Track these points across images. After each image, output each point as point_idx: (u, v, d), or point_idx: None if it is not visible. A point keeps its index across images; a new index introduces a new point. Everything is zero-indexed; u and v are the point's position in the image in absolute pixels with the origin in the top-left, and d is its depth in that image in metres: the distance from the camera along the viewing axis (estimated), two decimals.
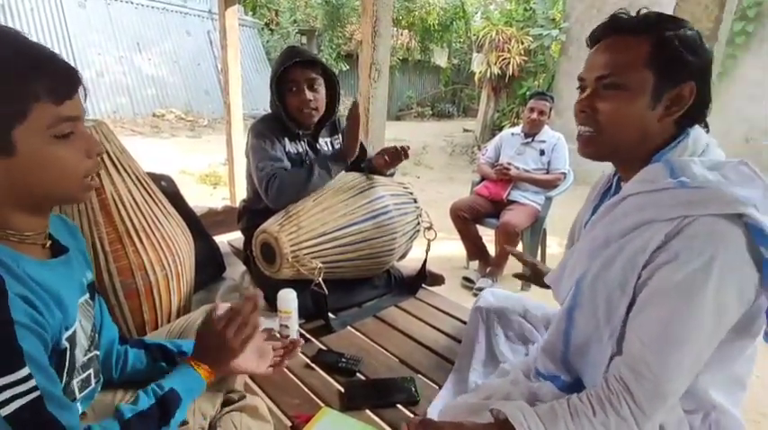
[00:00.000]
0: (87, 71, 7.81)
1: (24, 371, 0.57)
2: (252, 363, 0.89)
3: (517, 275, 1.33)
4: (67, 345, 0.67)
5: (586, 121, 0.80)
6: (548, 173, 2.87)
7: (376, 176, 1.70)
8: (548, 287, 1.23)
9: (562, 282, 0.91)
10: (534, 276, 1.25)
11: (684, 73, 0.72)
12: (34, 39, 0.62)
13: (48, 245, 0.72)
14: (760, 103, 4.86)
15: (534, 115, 2.85)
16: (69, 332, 0.68)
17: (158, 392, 0.74)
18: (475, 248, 2.97)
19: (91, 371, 0.77)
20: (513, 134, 3.01)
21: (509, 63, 7.15)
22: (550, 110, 2.88)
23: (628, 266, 0.73)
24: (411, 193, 1.78)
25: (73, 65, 0.65)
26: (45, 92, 0.60)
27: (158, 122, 8.12)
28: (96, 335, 0.80)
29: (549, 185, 2.84)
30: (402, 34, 11.74)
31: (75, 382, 0.72)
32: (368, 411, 1.13)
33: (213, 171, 5.34)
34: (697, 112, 0.76)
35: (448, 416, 0.94)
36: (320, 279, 1.41)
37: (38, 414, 0.57)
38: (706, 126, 0.80)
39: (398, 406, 1.15)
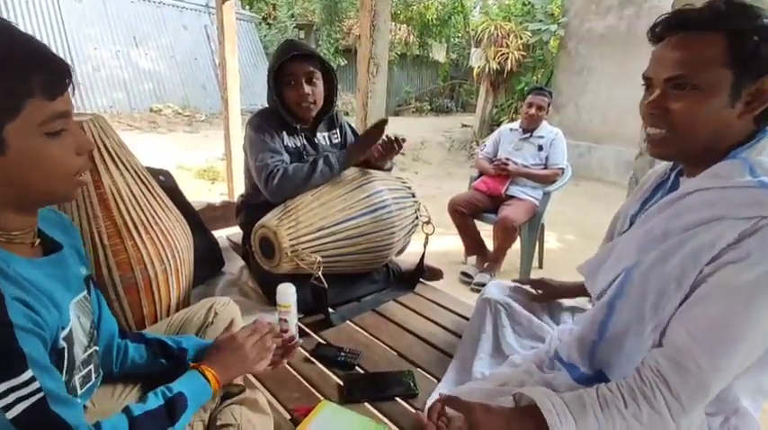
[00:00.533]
0: (83, 66, 7.76)
1: (27, 374, 0.57)
2: (255, 366, 0.92)
3: (535, 297, 1.29)
4: (65, 345, 0.67)
5: (657, 123, 0.77)
6: (546, 168, 2.88)
7: (374, 171, 1.70)
8: (568, 296, 1.24)
9: (600, 273, 0.89)
10: (545, 293, 1.25)
11: (764, 66, 0.69)
12: (29, 33, 0.61)
13: (37, 243, 0.71)
14: None
15: (532, 110, 2.85)
16: (66, 331, 0.67)
17: (167, 394, 0.75)
18: (473, 243, 2.98)
19: (91, 366, 0.77)
20: (511, 129, 3.01)
21: (507, 58, 7.14)
22: (549, 105, 2.88)
23: (689, 261, 0.71)
24: (409, 188, 1.78)
25: (69, 59, 0.64)
26: (39, 88, 0.58)
27: (155, 117, 8.08)
28: (95, 331, 0.80)
29: (547, 180, 2.84)
30: (400, 29, 11.69)
31: (77, 379, 0.72)
32: (367, 404, 1.13)
33: (211, 166, 5.33)
34: None
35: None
36: (319, 273, 1.41)
37: (43, 414, 0.58)
38: None
39: (397, 399, 1.16)
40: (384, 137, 1.63)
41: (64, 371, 0.67)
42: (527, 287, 1.30)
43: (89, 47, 8.04)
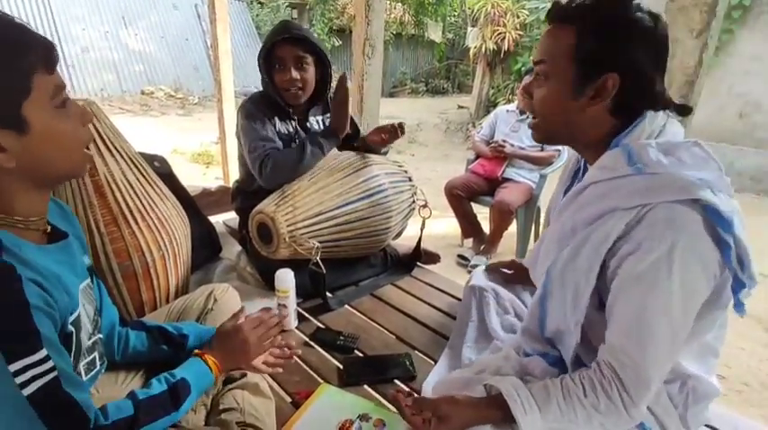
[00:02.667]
0: (72, 47, 7.60)
1: (42, 353, 0.58)
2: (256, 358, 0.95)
3: (508, 279, 1.32)
4: (73, 329, 0.69)
5: (527, 107, 0.84)
6: (542, 150, 2.87)
7: (371, 155, 1.69)
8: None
9: (537, 265, 0.93)
10: (519, 274, 1.28)
11: (606, 65, 0.72)
12: (14, 13, 0.62)
13: (47, 230, 0.72)
14: (755, 78, 4.84)
15: (522, 92, 2.84)
16: (74, 316, 0.69)
17: (170, 380, 0.77)
18: (469, 226, 2.99)
19: (96, 354, 0.79)
20: (507, 111, 3.00)
21: (504, 38, 7.03)
22: None
23: (592, 255, 0.74)
24: (406, 172, 1.78)
25: (56, 40, 0.65)
26: (39, 62, 0.60)
27: (147, 100, 7.96)
28: (99, 319, 0.81)
29: (543, 162, 2.84)
30: (395, 8, 11.45)
31: (82, 365, 0.74)
32: (366, 387, 1.16)
33: (205, 150, 5.28)
34: (636, 101, 0.75)
35: (442, 390, 0.97)
36: (317, 258, 1.42)
37: (56, 393, 0.59)
38: (678, 111, 0.79)
39: (396, 381, 1.18)
40: (388, 126, 1.63)
41: (71, 357, 0.69)
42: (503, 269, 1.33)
43: (77, 27, 7.86)
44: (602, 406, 0.73)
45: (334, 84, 1.60)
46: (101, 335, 0.82)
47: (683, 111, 0.79)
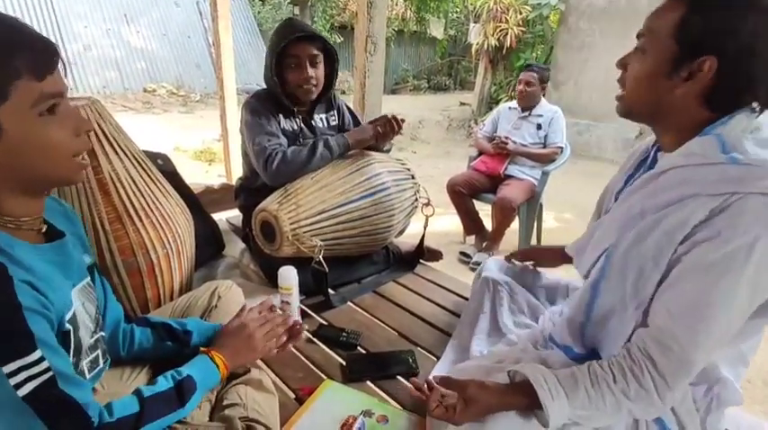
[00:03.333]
0: (74, 45, 7.59)
1: (37, 354, 0.58)
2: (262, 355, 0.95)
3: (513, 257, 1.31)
4: (70, 327, 0.68)
5: (620, 78, 0.80)
6: (544, 146, 2.87)
7: (373, 153, 1.69)
8: (555, 265, 1.25)
9: (586, 252, 0.89)
10: (537, 260, 1.27)
11: (707, 47, 0.67)
12: (16, 11, 0.61)
13: (43, 230, 0.71)
14: None
15: (521, 86, 2.85)
16: (69, 314, 0.69)
17: (176, 377, 0.77)
18: (472, 223, 2.99)
19: (98, 352, 0.79)
20: (510, 108, 2.99)
21: (507, 34, 7.02)
22: (540, 80, 2.84)
23: (664, 240, 0.71)
24: (408, 169, 1.78)
25: (58, 38, 0.64)
26: (25, 68, 0.58)
27: (150, 98, 7.96)
28: (101, 317, 0.81)
29: (545, 159, 2.83)
30: (397, 4, 11.42)
31: (85, 363, 0.74)
32: (369, 383, 1.16)
33: (208, 147, 5.29)
34: (732, 92, 0.70)
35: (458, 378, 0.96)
36: (320, 257, 1.42)
37: (53, 393, 0.59)
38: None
39: (398, 377, 1.19)
40: (383, 117, 1.62)
41: (71, 354, 0.69)
42: (521, 263, 1.31)
43: (79, 25, 7.85)
44: (633, 392, 0.71)
45: (342, 76, 1.60)
46: (103, 334, 0.82)
47: None
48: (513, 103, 3.00)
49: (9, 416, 0.58)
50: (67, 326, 0.68)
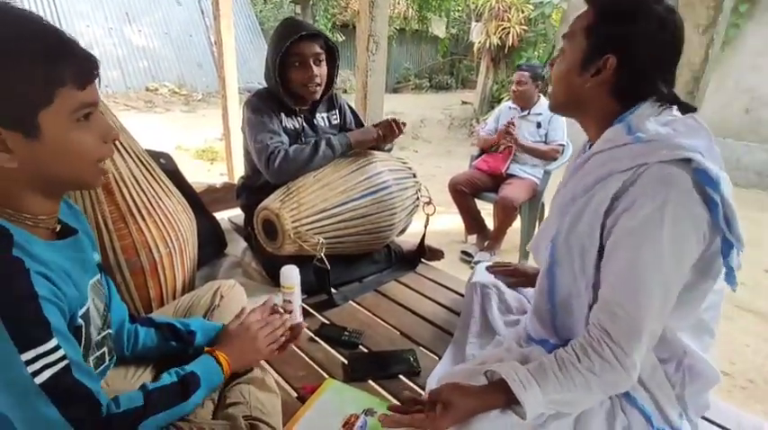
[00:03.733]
0: None
1: (53, 342, 0.60)
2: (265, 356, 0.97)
3: (509, 284, 1.33)
4: (82, 323, 0.70)
5: (519, 101, 0.93)
6: (545, 144, 2.87)
7: (375, 152, 1.69)
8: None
9: (540, 246, 0.96)
10: (520, 281, 1.29)
11: (610, 46, 0.79)
12: (19, 8, 0.62)
13: (57, 229, 0.73)
14: (762, 72, 4.79)
15: (513, 87, 2.87)
16: (83, 310, 0.70)
17: (180, 373, 0.79)
18: (474, 222, 2.99)
19: (105, 349, 0.80)
20: (510, 107, 2.99)
21: (509, 33, 7.00)
22: (533, 78, 2.83)
23: (593, 217, 0.79)
24: (410, 168, 1.78)
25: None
26: (70, 77, 0.61)
27: (152, 97, 7.98)
28: (108, 315, 0.82)
29: (547, 157, 2.84)
30: (399, 3, 11.40)
31: (91, 360, 0.75)
32: (371, 382, 1.17)
33: (209, 146, 5.30)
34: (635, 86, 0.81)
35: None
36: (322, 254, 1.43)
37: (67, 380, 0.61)
38: (684, 109, 0.83)
39: (400, 376, 1.19)
40: (385, 122, 1.63)
41: (80, 350, 0.70)
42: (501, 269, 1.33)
43: (81, 24, 7.88)
44: (597, 366, 0.74)
45: (344, 75, 1.62)
46: (110, 331, 0.83)
47: (687, 109, 0.83)
48: (513, 103, 3.00)
49: (23, 403, 0.59)
50: (80, 321, 0.70)
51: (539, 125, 2.85)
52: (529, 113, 2.88)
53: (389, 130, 1.63)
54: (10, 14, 0.59)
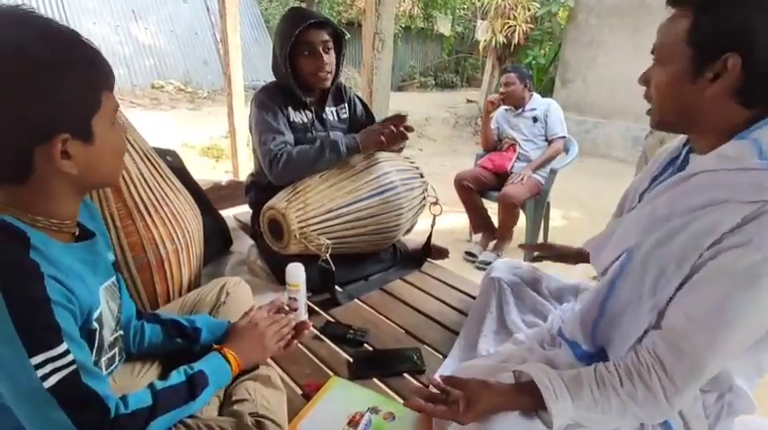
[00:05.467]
0: None
1: (63, 347, 0.60)
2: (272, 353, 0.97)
3: (536, 258, 1.30)
4: (97, 326, 0.71)
5: (646, 94, 0.80)
6: (546, 139, 2.87)
7: (382, 152, 1.68)
8: (568, 261, 1.24)
9: (605, 250, 0.88)
10: (555, 256, 1.26)
11: (725, 44, 0.66)
12: (27, 6, 0.63)
13: (77, 233, 0.74)
14: None
15: (502, 89, 2.93)
16: (97, 313, 0.71)
17: (189, 372, 0.79)
18: (480, 220, 2.99)
19: (116, 350, 0.81)
20: (505, 110, 3.03)
21: (515, 31, 6.98)
22: (521, 79, 2.88)
23: (690, 244, 0.70)
24: (417, 168, 1.78)
25: None
26: (105, 81, 0.66)
27: (157, 94, 7.99)
28: (121, 316, 0.83)
29: (555, 156, 2.85)
30: (405, 1, 11.36)
31: (103, 361, 0.76)
32: (375, 380, 1.17)
33: (215, 144, 5.31)
34: (762, 87, 0.68)
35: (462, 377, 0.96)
36: (327, 256, 1.43)
37: (76, 385, 0.62)
38: None
39: (405, 375, 1.19)
40: (387, 130, 1.56)
41: (93, 352, 0.70)
42: (532, 253, 1.32)
43: (88, 21, 7.90)
44: (640, 395, 0.70)
45: (342, 76, 1.60)
46: (122, 332, 0.84)
47: None
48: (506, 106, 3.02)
49: (30, 407, 0.60)
50: (95, 325, 0.70)
51: (535, 119, 2.88)
52: (523, 111, 2.91)
53: (392, 140, 1.54)
54: (40, 24, 0.61)
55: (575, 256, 1.22)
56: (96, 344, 0.71)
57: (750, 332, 0.68)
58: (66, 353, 0.61)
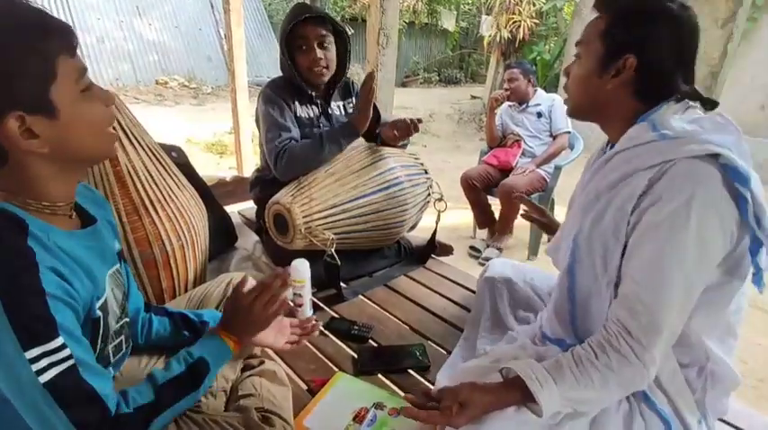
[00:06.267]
0: (87, 37, 7.66)
1: (59, 341, 0.59)
2: (270, 338, 0.94)
3: (526, 217, 1.35)
4: (101, 314, 0.70)
5: (564, 86, 0.93)
6: (551, 134, 2.86)
7: (387, 147, 1.69)
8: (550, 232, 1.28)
9: (561, 246, 0.95)
10: (545, 225, 1.31)
11: (628, 47, 0.79)
12: (31, 3, 0.62)
13: (74, 215, 0.73)
14: None
15: (505, 85, 2.91)
16: (101, 301, 0.70)
17: (189, 360, 0.76)
18: (486, 218, 2.99)
19: (123, 337, 0.80)
20: (509, 106, 3.02)
21: (519, 26, 6.92)
22: (524, 74, 2.87)
23: (618, 215, 0.79)
24: (422, 164, 1.78)
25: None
26: (61, 46, 0.61)
27: (162, 90, 8.01)
28: (126, 303, 0.83)
29: (560, 150, 2.84)
30: None
31: (110, 348, 0.75)
32: (380, 376, 1.18)
33: (219, 140, 5.32)
34: (656, 85, 0.81)
35: (457, 380, 0.95)
36: (332, 250, 1.43)
37: (73, 380, 0.60)
38: (704, 105, 0.83)
39: (409, 371, 1.20)
40: (401, 122, 1.59)
41: (99, 340, 0.70)
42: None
43: (92, 17, 7.91)
44: (614, 362, 0.74)
45: (353, 69, 1.58)
46: (128, 319, 0.83)
47: (710, 105, 0.83)
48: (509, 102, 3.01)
49: (27, 403, 0.58)
50: (98, 312, 0.69)
51: (539, 115, 2.87)
52: (527, 107, 2.90)
53: (406, 131, 1.60)
54: None
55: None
56: (101, 332, 0.70)
57: (689, 279, 0.73)
58: (63, 347, 0.59)
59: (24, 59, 0.58)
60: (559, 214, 3.25)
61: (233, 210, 2.13)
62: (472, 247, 2.92)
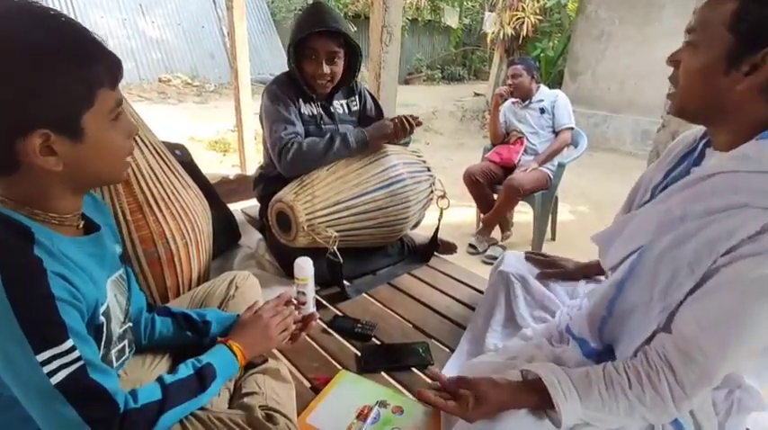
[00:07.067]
0: None
1: (69, 343, 0.61)
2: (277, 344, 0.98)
3: (543, 274, 1.25)
4: (104, 320, 0.71)
5: (671, 77, 0.76)
6: (554, 130, 2.85)
7: (389, 145, 1.68)
8: (575, 279, 1.22)
9: (615, 245, 0.86)
10: (556, 274, 1.23)
11: (766, 36, 0.63)
12: (36, 1, 0.62)
13: (81, 225, 0.74)
14: None
15: (509, 81, 2.90)
16: (104, 307, 0.71)
17: (197, 365, 0.79)
18: (489, 211, 2.98)
19: (126, 341, 0.81)
20: (512, 102, 3.01)
21: (523, 23, 6.89)
22: (528, 71, 2.86)
23: (705, 248, 0.67)
24: (424, 161, 1.77)
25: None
26: (105, 78, 0.63)
27: (165, 88, 8.02)
28: (129, 309, 0.84)
29: (563, 146, 2.83)
30: None
31: (113, 353, 0.76)
32: (383, 373, 1.18)
33: (222, 138, 5.32)
34: None
35: (472, 374, 0.94)
36: (335, 248, 1.43)
37: (83, 381, 0.62)
38: None
39: (413, 369, 1.20)
40: (396, 119, 1.58)
41: (102, 346, 0.71)
42: (539, 258, 1.29)
43: (96, 15, 7.92)
44: (648, 398, 0.70)
45: (363, 71, 1.59)
46: (131, 324, 0.85)
47: None
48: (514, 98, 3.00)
49: (39, 403, 0.60)
50: (101, 319, 0.70)
51: (542, 111, 2.86)
52: (530, 103, 2.89)
53: (402, 129, 1.58)
54: (38, 14, 0.59)
55: (590, 271, 1.20)
56: (104, 338, 0.72)
57: (761, 341, 0.67)
58: (73, 349, 0.61)
59: (68, 82, 0.60)
60: (562, 211, 3.26)
61: (236, 207, 2.14)
62: (470, 245, 2.92)
